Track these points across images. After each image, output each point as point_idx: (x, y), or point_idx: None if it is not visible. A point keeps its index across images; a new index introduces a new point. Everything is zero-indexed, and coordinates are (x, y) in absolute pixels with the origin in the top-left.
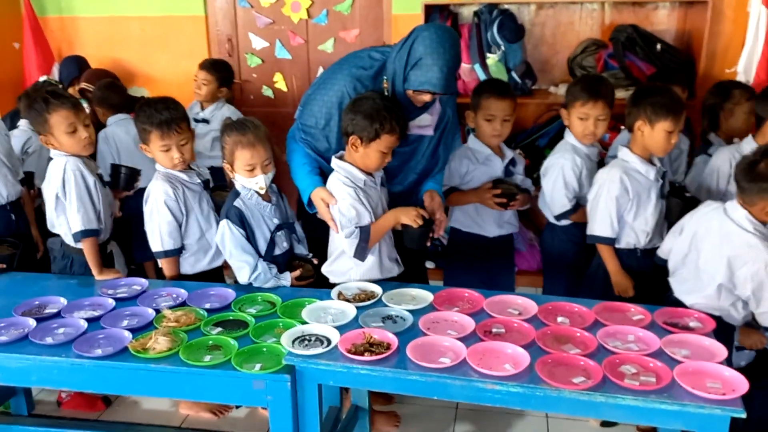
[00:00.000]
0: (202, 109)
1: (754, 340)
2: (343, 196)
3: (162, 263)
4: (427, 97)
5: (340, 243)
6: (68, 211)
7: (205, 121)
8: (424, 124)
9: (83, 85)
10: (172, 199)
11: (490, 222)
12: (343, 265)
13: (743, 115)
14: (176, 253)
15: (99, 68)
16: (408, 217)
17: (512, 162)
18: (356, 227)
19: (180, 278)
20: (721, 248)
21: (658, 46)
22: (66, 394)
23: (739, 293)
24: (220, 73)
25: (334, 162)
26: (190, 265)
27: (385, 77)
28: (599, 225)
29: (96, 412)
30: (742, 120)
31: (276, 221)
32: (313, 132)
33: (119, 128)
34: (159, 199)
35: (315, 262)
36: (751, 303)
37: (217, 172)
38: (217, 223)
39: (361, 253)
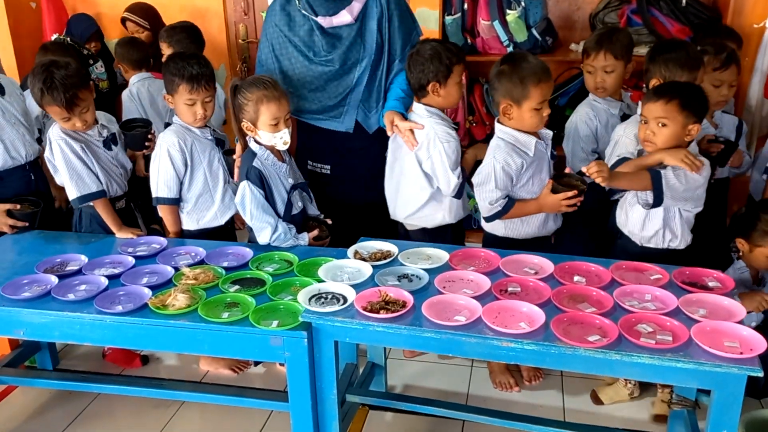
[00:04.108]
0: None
1: (757, 301)
2: (449, 139)
3: (160, 212)
4: None
5: (425, 193)
6: (63, 181)
7: None
8: (343, 15)
9: (125, 14)
10: (176, 149)
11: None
12: (431, 209)
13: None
14: (169, 203)
15: (143, 0)
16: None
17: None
18: (460, 169)
19: (182, 234)
20: None
21: (683, 1)
22: (108, 348)
23: None
24: None
25: (423, 109)
26: (192, 220)
27: None
28: None
29: (132, 368)
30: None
31: (290, 181)
32: (267, 72)
33: (142, 87)
34: (163, 147)
35: (329, 222)
36: None
37: None
38: (226, 182)
39: (460, 192)
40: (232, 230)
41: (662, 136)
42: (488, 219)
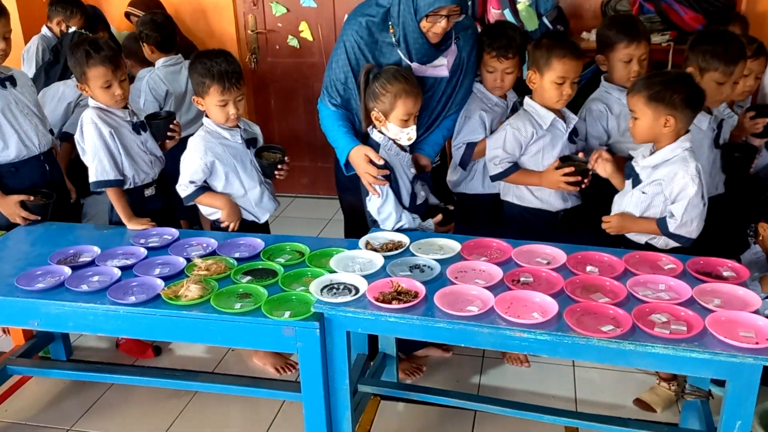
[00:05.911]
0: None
1: None
2: (466, 113)
3: (198, 203)
4: (443, 24)
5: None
6: (86, 162)
7: None
8: (438, 64)
9: (129, 9)
10: (200, 154)
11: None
12: (462, 175)
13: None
14: (198, 194)
15: None
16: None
17: (575, 131)
18: (463, 143)
19: (220, 228)
20: None
21: None
22: (121, 338)
23: None
24: None
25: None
26: None
27: (390, 23)
28: None
29: (145, 359)
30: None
31: (413, 171)
32: (340, 88)
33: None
34: (191, 149)
35: (451, 208)
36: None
37: None
38: (261, 182)
39: (465, 163)
40: (259, 225)
41: (638, 129)
42: (492, 178)
